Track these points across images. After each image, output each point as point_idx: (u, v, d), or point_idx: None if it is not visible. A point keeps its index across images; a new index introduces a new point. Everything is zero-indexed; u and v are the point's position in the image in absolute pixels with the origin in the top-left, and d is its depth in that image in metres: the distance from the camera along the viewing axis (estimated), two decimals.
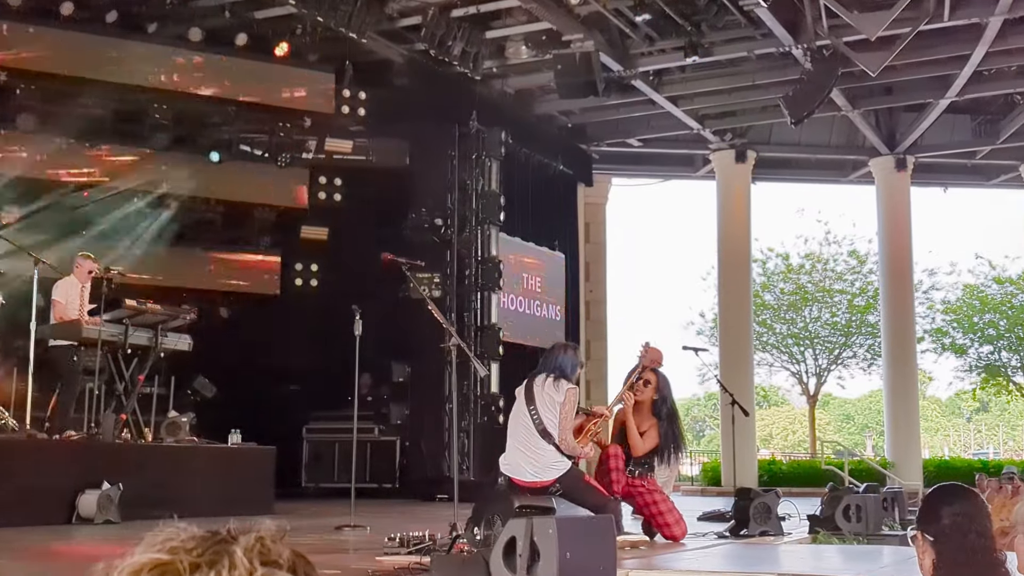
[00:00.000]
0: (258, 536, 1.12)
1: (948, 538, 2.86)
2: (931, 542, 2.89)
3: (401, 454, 15.04)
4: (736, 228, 20.99)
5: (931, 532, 2.90)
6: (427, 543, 6.52)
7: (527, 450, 7.44)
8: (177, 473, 10.31)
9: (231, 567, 1.08)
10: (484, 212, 15.85)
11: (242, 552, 1.09)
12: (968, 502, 2.94)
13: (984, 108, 20.05)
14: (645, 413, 8.24)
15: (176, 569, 1.06)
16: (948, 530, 2.86)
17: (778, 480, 20.16)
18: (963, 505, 2.91)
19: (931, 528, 2.91)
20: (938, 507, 2.94)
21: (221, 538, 1.11)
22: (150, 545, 1.09)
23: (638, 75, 16.71)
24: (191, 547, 1.09)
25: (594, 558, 5.07)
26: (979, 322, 30.32)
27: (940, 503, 2.95)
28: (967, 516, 2.88)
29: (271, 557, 1.11)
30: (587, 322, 20.74)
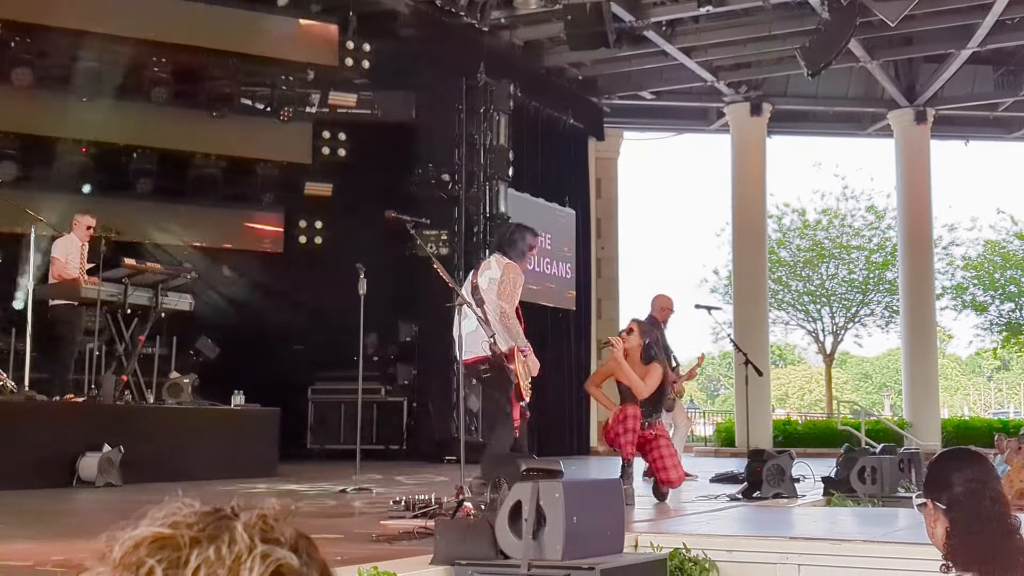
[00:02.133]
0: (261, 513, 1.12)
1: (962, 505, 2.73)
2: (943, 510, 2.76)
3: (408, 415, 14.85)
4: (751, 183, 20.68)
5: (943, 500, 2.77)
6: (433, 507, 6.39)
7: (465, 326, 7.26)
8: (179, 435, 10.21)
9: (231, 543, 1.08)
10: (492, 167, 15.56)
11: (243, 528, 1.09)
12: (980, 466, 2.83)
13: (1007, 59, 19.64)
14: (637, 361, 8.15)
15: (176, 543, 1.07)
16: (962, 497, 2.74)
17: (793, 441, 19.94)
18: (975, 470, 2.79)
19: (942, 496, 2.78)
20: (949, 473, 2.80)
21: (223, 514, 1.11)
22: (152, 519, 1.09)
23: (650, 26, 16.36)
24: (192, 522, 1.09)
25: (602, 522, 4.95)
26: (1000, 279, 30.01)
27: (951, 469, 2.82)
28: (980, 482, 2.76)
29: (273, 535, 1.10)
30: (598, 280, 20.50)
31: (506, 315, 7.32)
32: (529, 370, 7.47)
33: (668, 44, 17.19)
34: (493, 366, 7.30)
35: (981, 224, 32.29)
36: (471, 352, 7.27)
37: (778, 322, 31.62)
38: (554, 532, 4.59)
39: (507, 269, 7.48)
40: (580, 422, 18.89)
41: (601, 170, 21.16)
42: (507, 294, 7.38)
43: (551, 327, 17.90)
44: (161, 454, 9.75)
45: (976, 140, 23.74)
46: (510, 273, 7.44)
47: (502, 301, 7.35)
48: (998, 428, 20.86)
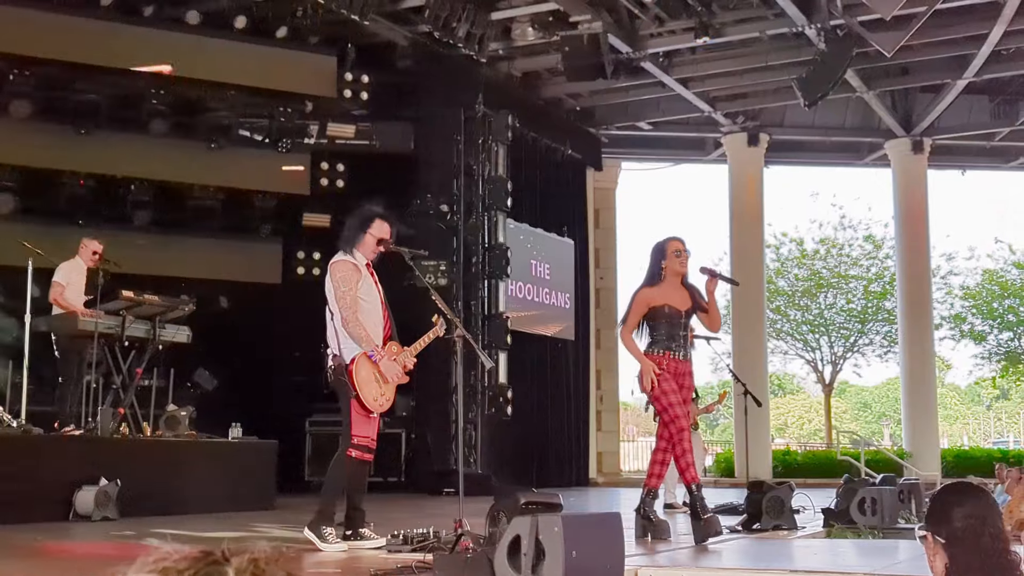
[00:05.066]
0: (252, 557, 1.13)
1: (961, 541, 2.71)
2: (943, 544, 2.74)
3: (407, 447, 14.80)
4: (749, 213, 20.70)
5: (943, 534, 2.74)
6: (431, 540, 6.36)
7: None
8: (177, 468, 10.15)
9: None
10: (491, 198, 15.58)
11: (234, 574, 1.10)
12: (980, 501, 2.79)
13: (1002, 89, 19.73)
14: None
15: None
16: (961, 533, 2.71)
17: (793, 471, 19.86)
18: (975, 506, 2.76)
19: (942, 530, 2.75)
20: (949, 508, 2.77)
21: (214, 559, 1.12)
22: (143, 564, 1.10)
23: (647, 57, 16.43)
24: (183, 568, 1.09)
25: (601, 556, 4.91)
26: (999, 308, 30.02)
27: (951, 504, 2.79)
28: (980, 518, 2.73)
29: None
30: (597, 310, 20.49)
31: (346, 321, 6.69)
32: (380, 377, 6.82)
33: (665, 75, 17.25)
34: (335, 377, 6.82)
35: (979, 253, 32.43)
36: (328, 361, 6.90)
37: (777, 352, 31.60)
38: (553, 566, 4.54)
39: (330, 270, 6.89)
40: (579, 453, 18.82)
41: (599, 200, 21.20)
42: (341, 296, 6.74)
43: (550, 357, 17.88)
44: (158, 487, 9.70)
45: (973, 169, 23.76)
46: (335, 273, 6.82)
47: (339, 307, 6.74)
48: (998, 458, 20.79)
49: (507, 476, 14.57)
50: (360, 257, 6.96)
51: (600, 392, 20.76)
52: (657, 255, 7.67)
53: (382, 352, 6.80)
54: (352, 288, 6.79)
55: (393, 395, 7.01)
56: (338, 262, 6.91)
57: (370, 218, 7.05)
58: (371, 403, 6.76)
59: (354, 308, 6.73)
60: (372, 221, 7.04)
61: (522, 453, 15.69)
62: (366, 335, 6.71)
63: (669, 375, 7.42)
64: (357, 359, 6.73)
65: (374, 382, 6.78)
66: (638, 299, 7.58)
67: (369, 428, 6.87)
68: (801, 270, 31.09)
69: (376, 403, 6.81)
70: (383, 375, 6.80)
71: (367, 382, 6.75)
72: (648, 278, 7.70)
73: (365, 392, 6.73)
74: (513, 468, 14.62)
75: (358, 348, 6.72)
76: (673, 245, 7.62)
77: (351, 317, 6.69)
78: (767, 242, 24.64)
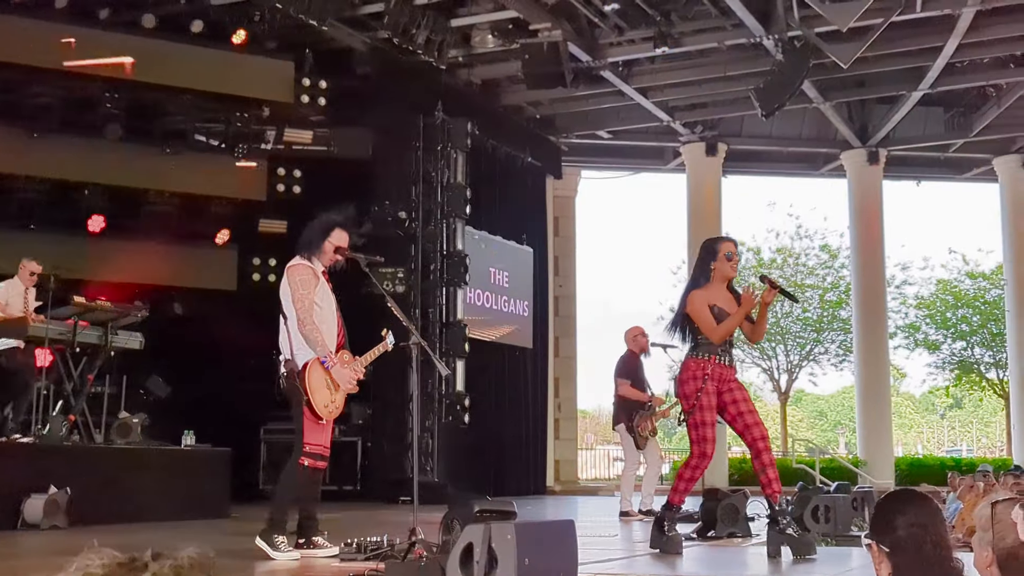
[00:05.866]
0: (174, 564, 1.14)
1: (904, 550, 2.71)
2: (887, 553, 2.74)
3: (363, 455, 14.72)
4: (707, 222, 20.78)
5: (886, 543, 2.75)
6: (385, 548, 6.31)
7: None
8: (128, 476, 10.06)
9: None
10: (449, 205, 15.54)
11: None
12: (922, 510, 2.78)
13: (957, 101, 19.96)
14: None
15: None
16: (904, 541, 2.72)
17: (749, 479, 19.90)
18: (917, 514, 2.76)
19: (886, 539, 2.75)
20: (892, 516, 2.78)
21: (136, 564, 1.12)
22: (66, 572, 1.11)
23: (607, 66, 16.47)
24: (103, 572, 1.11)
25: (554, 564, 4.89)
26: (952, 318, 30.32)
27: (894, 512, 2.79)
28: (922, 526, 2.73)
29: None
30: (556, 318, 20.50)
31: (302, 323, 6.65)
32: (332, 383, 6.77)
33: (625, 84, 17.30)
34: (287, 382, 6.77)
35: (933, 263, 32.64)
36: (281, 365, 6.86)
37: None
38: (506, 574, 4.52)
39: (288, 273, 6.87)
40: (537, 461, 18.81)
41: (559, 208, 21.23)
42: (299, 298, 6.70)
43: (508, 364, 17.86)
44: (109, 495, 9.61)
45: (928, 180, 23.99)
46: (293, 276, 6.80)
47: (297, 308, 6.70)
48: (951, 466, 21.04)
49: (464, 484, 14.51)
50: (317, 264, 6.94)
51: (558, 400, 20.77)
52: (707, 255, 7.24)
53: (335, 359, 6.76)
54: (311, 291, 6.77)
55: (343, 403, 6.98)
56: (297, 265, 6.88)
57: (330, 227, 7.03)
58: (321, 409, 6.72)
59: (311, 311, 6.70)
60: (332, 230, 7.02)
61: (479, 461, 15.64)
62: (321, 339, 6.67)
63: (714, 381, 7.07)
64: (310, 364, 6.69)
65: (325, 388, 6.75)
66: (699, 302, 7.07)
67: (321, 435, 6.83)
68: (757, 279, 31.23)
69: (327, 410, 6.77)
70: (335, 381, 6.76)
71: (319, 388, 6.71)
72: (694, 279, 7.32)
73: (316, 398, 6.69)
74: (470, 476, 14.56)
75: (311, 353, 6.68)
76: (726, 247, 7.22)
77: (308, 319, 6.65)
78: None
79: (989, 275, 29.82)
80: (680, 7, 15.11)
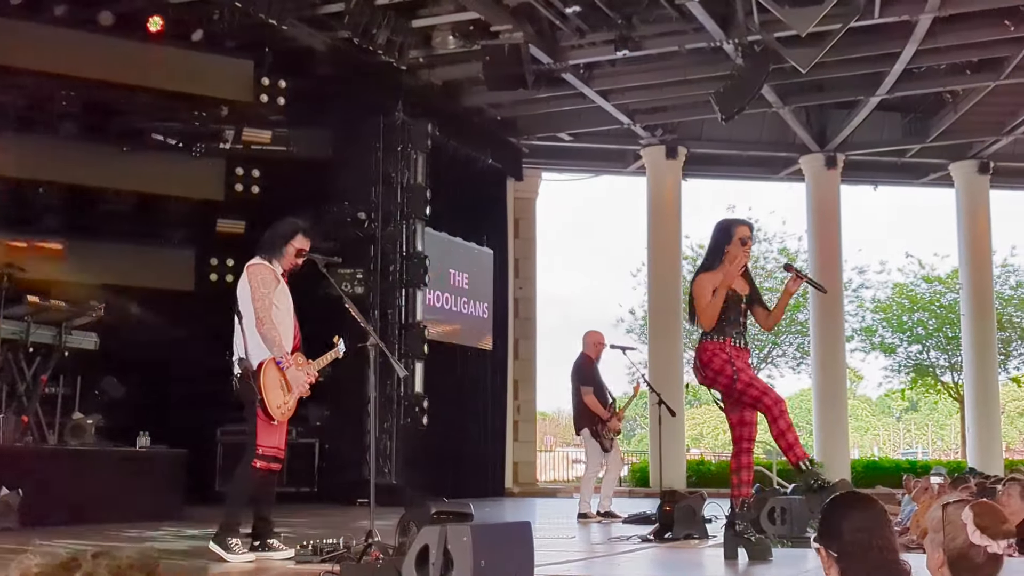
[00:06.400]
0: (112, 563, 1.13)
1: (850, 555, 2.73)
2: (835, 558, 2.76)
3: (320, 457, 14.64)
4: (666, 225, 20.90)
5: (834, 548, 2.77)
6: (341, 551, 6.30)
7: None
8: (82, 478, 9.98)
9: None
10: (409, 206, 15.49)
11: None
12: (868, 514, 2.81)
13: (914, 106, 20.16)
14: None
15: None
16: (850, 546, 2.74)
17: (707, 480, 20.07)
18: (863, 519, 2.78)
19: (833, 544, 2.77)
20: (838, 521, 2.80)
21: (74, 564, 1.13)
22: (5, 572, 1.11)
23: (568, 68, 16.50)
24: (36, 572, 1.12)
25: (510, 565, 4.92)
26: (908, 321, 30.61)
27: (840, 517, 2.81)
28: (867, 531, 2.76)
29: None
30: (516, 320, 20.51)
31: (261, 321, 6.68)
32: (286, 384, 6.77)
33: (586, 87, 17.34)
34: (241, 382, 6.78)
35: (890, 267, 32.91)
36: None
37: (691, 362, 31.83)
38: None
39: (248, 272, 6.90)
40: (496, 463, 18.80)
41: (519, 210, 21.23)
42: (259, 297, 6.74)
43: (467, 366, 17.84)
44: (62, 497, 9.54)
45: (885, 185, 24.23)
46: (254, 275, 6.84)
47: (256, 307, 6.73)
48: (906, 468, 21.21)
49: (422, 486, 14.46)
50: (277, 266, 6.94)
51: (517, 402, 20.77)
52: (722, 237, 7.08)
53: (290, 360, 6.74)
54: (271, 291, 6.80)
55: (296, 405, 6.95)
56: (257, 264, 6.91)
57: (294, 231, 7.06)
58: (274, 410, 6.70)
59: (270, 310, 6.71)
60: (296, 234, 7.06)
61: (438, 463, 15.60)
62: (279, 339, 6.67)
63: None
64: (265, 364, 6.67)
65: (279, 389, 6.73)
66: (702, 284, 6.93)
67: (274, 437, 6.80)
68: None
69: (279, 411, 6.74)
70: (288, 383, 6.74)
71: (273, 388, 6.70)
72: (707, 262, 7.13)
73: (270, 398, 6.67)
74: (428, 478, 14.51)
75: (266, 353, 6.66)
76: (741, 231, 7.03)
77: (267, 318, 6.66)
78: (684, 254, 24.87)
79: (945, 279, 30.13)
80: (641, 10, 15.13)
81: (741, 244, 6.97)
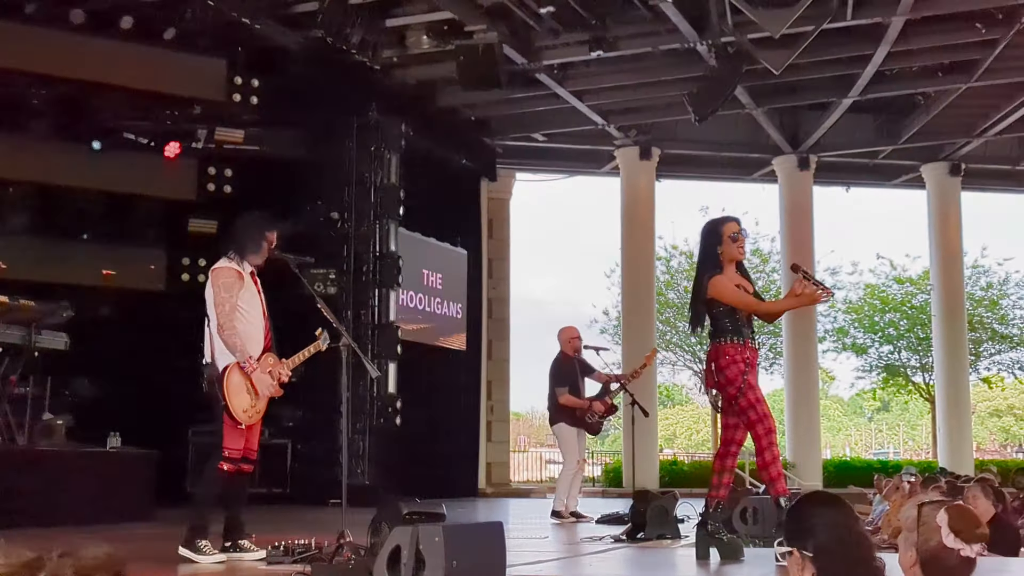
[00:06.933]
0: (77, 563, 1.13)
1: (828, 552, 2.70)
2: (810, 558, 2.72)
3: (292, 458, 14.58)
4: (640, 225, 20.94)
5: (809, 548, 2.72)
6: (313, 551, 6.29)
7: None
8: (52, 479, 9.85)
9: None
10: (383, 206, 15.44)
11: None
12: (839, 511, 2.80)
13: (886, 108, 20.28)
14: None
15: None
16: (827, 543, 2.70)
17: (679, 481, 20.12)
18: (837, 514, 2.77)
19: (808, 543, 2.73)
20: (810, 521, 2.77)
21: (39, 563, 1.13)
22: None
23: (542, 68, 16.49)
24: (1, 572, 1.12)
25: (482, 566, 4.88)
26: (880, 322, 30.78)
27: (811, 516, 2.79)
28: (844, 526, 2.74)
29: None
30: (489, 320, 20.49)
31: (222, 328, 6.64)
32: (252, 388, 6.71)
33: (560, 87, 17.34)
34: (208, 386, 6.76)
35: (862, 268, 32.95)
36: None
37: (666, 363, 31.93)
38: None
39: (212, 276, 6.84)
40: (469, 463, 18.78)
41: (493, 210, 21.22)
42: (221, 302, 6.69)
43: (441, 367, 17.82)
44: (32, 498, 9.43)
45: (857, 187, 24.37)
46: (216, 279, 6.77)
47: (217, 313, 6.69)
48: (877, 468, 21.34)
49: (395, 487, 14.43)
50: (246, 265, 6.89)
51: (491, 402, 20.76)
52: (711, 239, 6.95)
53: (255, 364, 6.70)
54: (233, 295, 6.72)
55: (265, 407, 6.92)
56: (221, 268, 6.83)
57: (260, 225, 7.00)
58: (239, 414, 6.66)
59: (232, 316, 6.65)
60: (262, 228, 6.99)
61: (411, 463, 15.56)
62: (240, 345, 6.62)
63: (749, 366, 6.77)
64: (230, 368, 6.63)
65: (245, 393, 6.70)
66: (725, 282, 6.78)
67: (240, 440, 6.77)
68: (690, 283, 31.42)
69: (245, 415, 6.71)
70: (255, 387, 6.71)
71: (238, 393, 6.66)
72: (703, 267, 7.00)
73: (235, 403, 6.64)
74: (401, 479, 14.47)
75: (232, 357, 6.63)
76: (729, 227, 6.90)
77: (227, 324, 6.61)
78: (658, 254, 24.96)
79: (916, 280, 30.31)
80: (615, 11, 15.15)
81: (732, 240, 6.86)
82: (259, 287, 7.01)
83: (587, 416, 11.39)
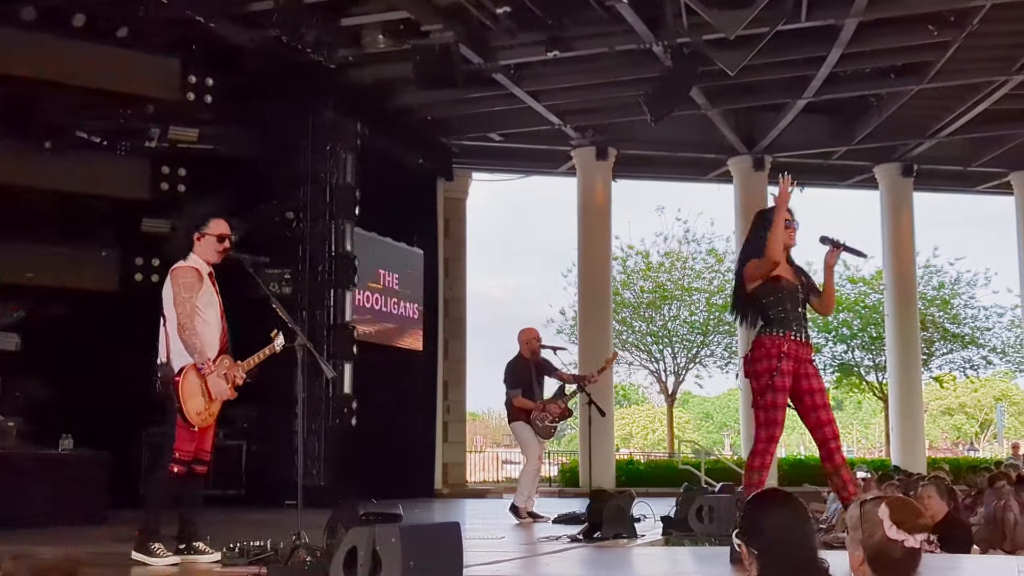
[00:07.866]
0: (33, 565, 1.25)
1: (771, 552, 2.76)
2: (756, 555, 2.79)
3: (247, 459, 14.48)
4: (597, 226, 21.01)
5: (755, 545, 2.79)
6: (268, 553, 6.27)
7: None
8: (3, 481, 9.77)
9: None
10: (338, 206, 15.38)
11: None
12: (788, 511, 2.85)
13: (840, 109, 20.45)
14: None
15: None
16: (770, 544, 2.77)
17: (636, 480, 20.20)
18: (784, 516, 2.82)
19: (754, 541, 2.80)
20: (759, 518, 2.83)
21: None
22: None
23: (499, 68, 16.49)
24: None
25: (439, 566, 4.89)
26: (833, 321, 31.07)
27: (762, 514, 2.84)
28: (788, 528, 2.79)
29: None
30: (446, 320, 20.48)
31: (182, 328, 6.58)
32: (207, 391, 6.68)
33: (516, 87, 17.34)
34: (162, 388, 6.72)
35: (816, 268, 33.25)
36: None
37: (622, 362, 32.06)
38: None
39: (171, 275, 6.80)
40: (425, 464, 18.75)
41: (449, 210, 21.20)
42: (181, 301, 6.64)
43: (397, 367, 17.78)
44: None
45: (811, 187, 24.54)
46: (176, 278, 6.73)
47: (177, 312, 6.64)
48: None
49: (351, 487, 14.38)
50: (203, 264, 6.84)
51: (447, 403, 20.74)
52: (764, 224, 6.97)
53: (212, 366, 6.65)
54: (193, 295, 6.68)
55: (218, 410, 6.87)
56: (181, 267, 6.80)
57: (204, 218, 6.98)
58: (193, 417, 6.61)
59: (192, 316, 6.60)
60: (207, 220, 6.95)
61: (367, 464, 15.51)
62: (200, 346, 6.57)
63: (790, 360, 6.69)
64: (186, 370, 6.58)
65: (200, 396, 6.65)
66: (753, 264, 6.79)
67: (191, 442, 6.72)
68: (646, 282, 31.61)
69: (199, 417, 6.66)
70: (210, 390, 6.66)
71: (192, 395, 6.61)
72: (747, 252, 7.03)
73: (189, 406, 6.59)
74: (358, 479, 14.41)
75: (188, 359, 6.57)
76: None
77: (188, 324, 6.56)
78: (614, 254, 25.05)
79: (869, 280, 30.62)
80: (572, 12, 15.17)
81: (784, 227, 6.89)
82: (217, 288, 6.96)
83: (538, 419, 11.35)
